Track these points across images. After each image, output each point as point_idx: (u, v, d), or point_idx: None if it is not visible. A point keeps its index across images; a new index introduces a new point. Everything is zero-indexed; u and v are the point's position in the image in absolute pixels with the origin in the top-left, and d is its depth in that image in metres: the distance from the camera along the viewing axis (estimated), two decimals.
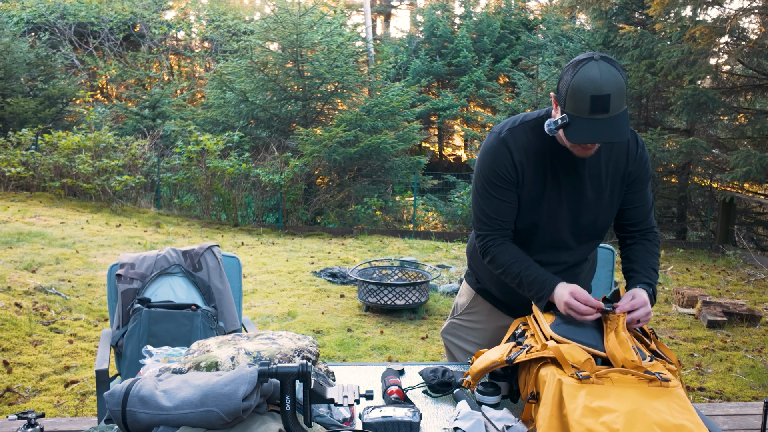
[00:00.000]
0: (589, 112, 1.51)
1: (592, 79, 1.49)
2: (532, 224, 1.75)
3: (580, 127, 1.52)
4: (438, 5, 17.92)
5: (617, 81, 1.50)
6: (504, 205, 1.73)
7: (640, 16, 10.27)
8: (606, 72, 1.49)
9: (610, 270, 2.65)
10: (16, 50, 12.22)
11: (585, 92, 1.49)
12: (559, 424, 1.31)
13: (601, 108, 1.49)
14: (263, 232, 9.52)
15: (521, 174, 1.70)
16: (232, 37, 16.70)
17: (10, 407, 3.20)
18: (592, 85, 1.49)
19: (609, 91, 1.48)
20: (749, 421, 3.00)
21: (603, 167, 1.73)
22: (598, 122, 1.51)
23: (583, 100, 1.50)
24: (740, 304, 5.26)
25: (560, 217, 1.75)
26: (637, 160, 1.76)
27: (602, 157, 1.73)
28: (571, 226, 1.77)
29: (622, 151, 1.75)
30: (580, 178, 1.71)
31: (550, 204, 1.73)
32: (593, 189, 1.73)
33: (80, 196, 10.00)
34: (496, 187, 1.71)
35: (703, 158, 9.56)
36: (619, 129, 1.51)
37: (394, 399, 1.58)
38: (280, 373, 1.32)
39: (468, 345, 2.06)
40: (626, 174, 1.76)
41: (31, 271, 5.53)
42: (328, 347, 4.29)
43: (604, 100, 1.48)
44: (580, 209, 1.74)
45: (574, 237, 1.79)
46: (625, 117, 1.52)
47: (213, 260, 2.48)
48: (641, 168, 1.77)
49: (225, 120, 12.04)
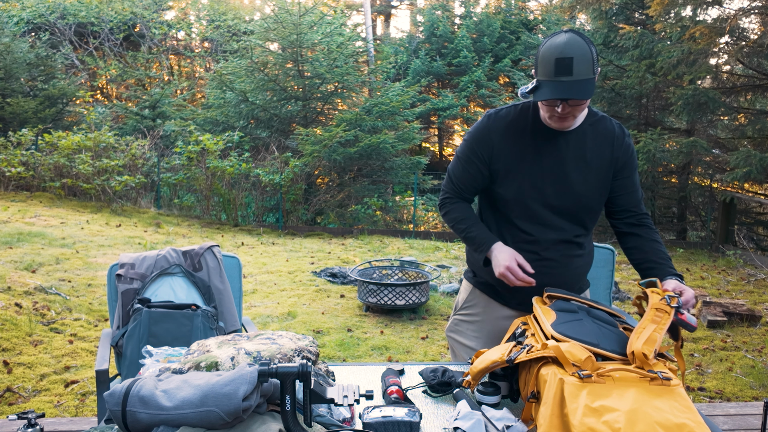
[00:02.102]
0: (554, 74, 1.64)
1: (557, 45, 1.65)
2: (516, 195, 1.86)
3: (546, 88, 1.66)
4: (438, 5, 17.92)
5: (581, 47, 1.64)
6: (468, 177, 1.91)
7: (640, 16, 10.27)
8: (572, 40, 1.64)
9: (610, 270, 2.65)
10: (16, 50, 12.22)
11: (551, 56, 1.65)
12: (560, 424, 1.31)
13: (565, 69, 1.63)
14: (263, 232, 9.52)
15: (496, 150, 1.84)
16: (232, 37, 16.70)
17: (10, 407, 3.20)
18: (557, 49, 1.64)
19: (572, 54, 1.62)
20: (749, 421, 2.99)
21: (588, 151, 1.83)
22: (563, 83, 1.64)
23: (549, 63, 1.65)
24: (740, 304, 5.26)
25: (543, 193, 1.84)
26: (624, 147, 1.87)
27: (588, 142, 1.84)
28: (554, 202, 1.85)
29: (607, 137, 1.86)
30: (563, 158, 1.82)
31: (532, 179, 1.83)
32: (577, 170, 1.83)
33: (80, 196, 10.00)
34: (468, 160, 1.89)
35: (704, 158, 9.56)
36: (582, 89, 1.64)
37: (394, 399, 1.58)
38: (280, 373, 1.32)
39: (469, 340, 2.06)
40: (613, 160, 1.86)
41: (31, 271, 5.53)
42: (328, 347, 4.29)
43: (567, 62, 1.62)
44: (563, 187, 1.84)
45: (558, 215, 1.87)
46: (590, 83, 1.65)
47: (213, 260, 2.48)
48: (627, 155, 1.87)
49: (225, 120, 12.04)
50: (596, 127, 1.86)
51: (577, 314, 1.64)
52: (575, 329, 1.53)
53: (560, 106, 1.71)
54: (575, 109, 1.73)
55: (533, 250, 1.88)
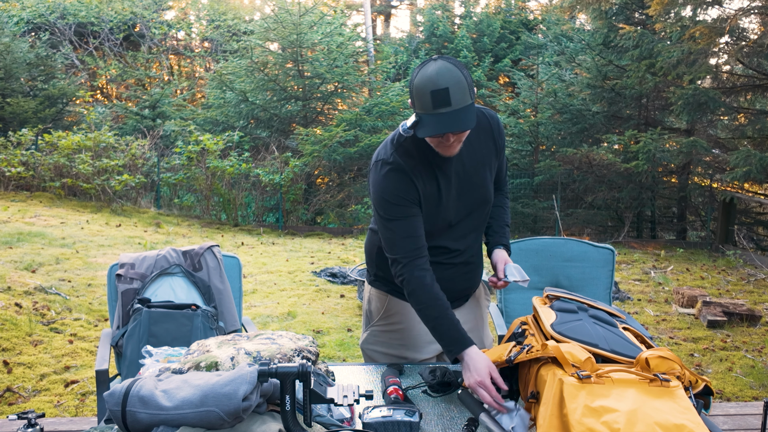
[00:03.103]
0: (432, 107, 1.60)
1: (430, 77, 1.59)
2: (442, 218, 1.84)
3: (427, 123, 1.62)
4: (438, 5, 17.91)
5: (454, 75, 1.59)
6: (414, 220, 1.77)
7: (640, 16, 10.27)
8: (443, 68, 1.60)
9: (610, 270, 2.66)
10: (16, 50, 12.21)
11: (425, 89, 1.60)
12: (559, 424, 1.31)
13: (442, 102, 1.59)
14: (263, 232, 9.52)
15: (421, 187, 1.78)
16: (232, 37, 16.69)
17: (10, 407, 3.20)
18: (430, 81, 1.59)
19: (446, 85, 1.58)
20: (749, 421, 3.00)
21: (478, 151, 1.86)
22: (443, 116, 1.60)
23: (425, 96, 1.60)
24: (740, 304, 5.26)
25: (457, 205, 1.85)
26: (500, 133, 1.91)
27: (474, 144, 1.85)
28: (466, 210, 1.88)
29: (487, 131, 1.88)
30: (460, 170, 1.83)
31: (447, 199, 1.83)
32: (476, 174, 1.87)
33: (80, 196, 10.00)
34: (404, 209, 1.76)
35: (703, 158, 9.56)
36: (464, 119, 1.61)
37: (394, 399, 1.58)
38: (279, 373, 1.32)
39: (393, 349, 2.01)
40: (497, 149, 1.91)
41: (31, 271, 5.53)
42: (328, 347, 4.28)
43: (443, 93, 1.58)
44: (469, 194, 1.87)
45: (473, 219, 1.91)
46: (470, 109, 1.62)
47: (213, 260, 2.48)
48: (502, 138, 1.93)
49: (225, 120, 12.04)
50: (477, 126, 1.87)
51: (577, 314, 1.64)
52: (575, 330, 1.53)
53: (445, 137, 1.67)
54: (461, 135, 1.70)
55: (455, 261, 1.92)
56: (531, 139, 11.11)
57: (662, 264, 7.63)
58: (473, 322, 2.06)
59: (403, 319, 1.99)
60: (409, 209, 1.76)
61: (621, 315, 1.79)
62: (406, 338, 2.00)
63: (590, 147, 9.83)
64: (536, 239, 2.75)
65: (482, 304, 2.13)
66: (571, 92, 10.65)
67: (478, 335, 2.05)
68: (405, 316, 1.99)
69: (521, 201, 10.90)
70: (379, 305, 2.03)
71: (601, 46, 10.27)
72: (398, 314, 2.00)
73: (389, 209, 1.76)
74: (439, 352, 2.03)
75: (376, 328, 2.03)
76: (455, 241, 1.90)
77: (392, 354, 2.02)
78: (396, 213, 1.75)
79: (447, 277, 1.86)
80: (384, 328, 2.02)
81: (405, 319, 1.99)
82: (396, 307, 2.00)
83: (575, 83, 10.69)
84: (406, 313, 1.98)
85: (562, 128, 10.78)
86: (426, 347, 2.00)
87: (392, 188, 1.75)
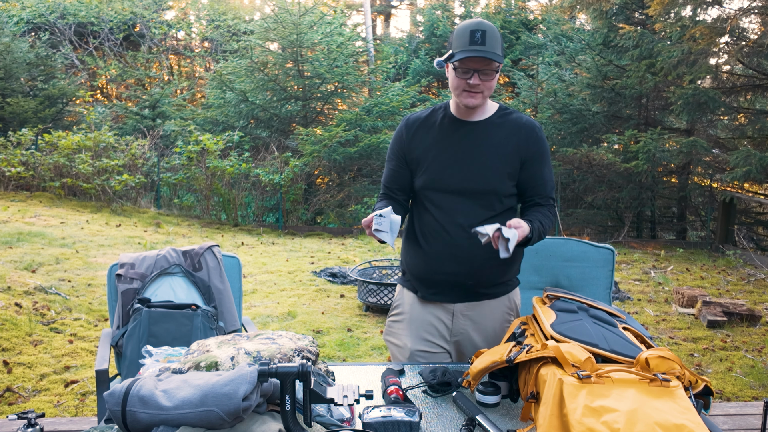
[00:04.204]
0: (468, 43, 1.79)
1: (472, 21, 1.83)
2: (427, 182, 1.97)
3: (460, 55, 1.80)
4: (438, 5, 17.91)
5: (493, 27, 1.82)
6: (390, 174, 2.05)
7: (640, 16, 10.27)
8: (484, 21, 1.83)
9: (610, 270, 2.65)
10: (16, 50, 12.21)
11: (466, 28, 1.81)
12: (559, 424, 1.31)
13: (479, 39, 1.78)
14: (263, 232, 9.52)
15: (410, 146, 2.00)
16: (232, 37, 16.69)
17: (10, 407, 3.20)
18: (472, 23, 1.82)
19: (485, 28, 1.80)
20: (749, 421, 3.00)
21: (495, 139, 1.94)
22: (476, 51, 1.78)
23: (464, 34, 1.80)
24: (740, 304, 5.26)
25: (451, 178, 1.94)
26: (533, 139, 1.96)
27: (495, 132, 1.95)
28: (462, 186, 1.94)
29: (515, 128, 1.96)
30: (470, 146, 1.94)
31: (441, 166, 1.94)
32: (484, 156, 1.93)
33: (80, 196, 10.00)
34: (389, 159, 2.07)
35: (703, 158, 9.56)
36: (493, 55, 1.78)
37: (394, 399, 1.58)
38: (279, 372, 1.32)
39: (400, 340, 2.06)
40: (520, 149, 1.95)
41: (31, 271, 5.53)
42: (328, 347, 4.28)
43: (481, 33, 1.79)
44: (469, 172, 1.93)
45: (467, 198, 1.94)
46: (499, 58, 1.80)
47: (213, 260, 2.48)
48: (537, 146, 1.97)
49: (225, 120, 12.04)
50: (505, 119, 1.97)
51: (576, 314, 1.64)
52: (575, 330, 1.53)
53: (472, 77, 1.82)
54: (485, 85, 1.85)
55: (443, 238, 1.94)
56: None
57: (662, 264, 7.63)
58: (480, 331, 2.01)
59: (407, 309, 2.06)
60: (391, 161, 2.05)
61: (621, 315, 1.79)
62: (408, 329, 2.04)
63: (590, 147, 9.83)
64: None
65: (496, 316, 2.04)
66: (571, 92, 10.66)
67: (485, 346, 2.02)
68: (408, 306, 2.06)
69: None
70: (395, 296, 2.15)
71: (601, 46, 10.27)
72: (403, 304, 2.08)
73: (387, 152, 2.10)
74: (447, 350, 2.03)
75: (391, 318, 2.14)
76: (443, 213, 1.94)
77: (399, 345, 2.06)
78: (387, 157, 2.08)
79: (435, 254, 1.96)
80: (395, 318, 2.11)
81: (408, 309, 2.06)
82: (403, 297, 2.09)
83: (575, 83, 10.70)
84: (410, 304, 2.05)
85: (562, 128, 10.78)
86: (429, 341, 2.02)
87: (393, 138, 2.06)
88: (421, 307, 2.04)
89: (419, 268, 2.01)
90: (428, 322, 2.02)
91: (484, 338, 2.03)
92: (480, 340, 2.03)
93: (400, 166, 2.02)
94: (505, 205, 1.97)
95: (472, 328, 2.01)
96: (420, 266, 2.00)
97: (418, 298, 2.04)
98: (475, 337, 2.02)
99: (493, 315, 2.03)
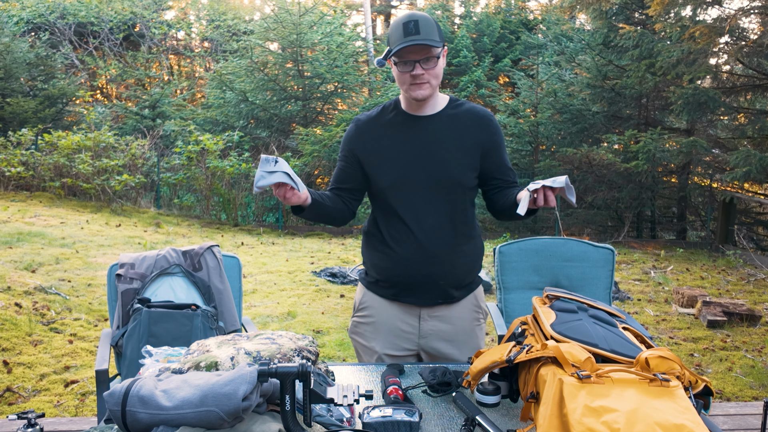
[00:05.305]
0: (403, 35, 1.77)
1: (404, 14, 1.83)
2: (389, 182, 1.95)
3: (397, 47, 1.78)
4: (438, 5, 17.91)
5: (426, 16, 1.81)
6: (340, 173, 2.02)
7: (640, 16, 10.27)
8: (417, 12, 1.82)
9: (610, 270, 2.65)
10: (16, 50, 12.21)
11: (399, 21, 1.81)
12: (559, 424, 1.31)
13: (412, 30, 1.77)
14: (263, 232, 9.52)
15: (363, 146, 1.97)
16: (232, 37, 16.70)
17: (10, 407, 3.20)
18: (404, 16, 1.81)
19: (417, 18, 1.79)
20: (749, 421, 3.00)
21: (452, 132, 1.93)
22: (411, 40, 1.76)
23: (398, 28, 1.79)
24: (740, 304, 5.26)
25: (413, 175, 1.92)
26: (490, 129, 1.96)
27: (450, 124, 1.93)
28: (425, 182, 1.92)
29: (471, 119, 1.95)
30: (426, 141, 1.92)
31: (400, 164, 1.93)
32: (442, 150, 1.92)
33: (80, 196, 10.00)
34: (340, 159, 2.04)
35: (703, 158, 9.56)
36: (430, 41, 1.76)
37: (394, 399, 1.58)
38: (279, 372, 1.32)
39: (368, 341, 2.05)
40: (479, 140, 1.94)
41: (31, 271, 5.53)
42: (328, 347, 4.29)
43: (414, 22, 1.78)
44: (430, 167, 1.91)
45: (431, 193, 1.93)
46: (437, 44, 1.78)
47: (213, 260, 2.48)
48: (494, 136, 1.97)
49: (225, 120, 12.04)
50: (459, 110, 1.96)
51: (576, 314, 1.64)
52: (575, 329, 1.53)
53: (414, 67, 1.80)
54: (429, 74, 1.83)
55: (413, 240, 1.92)
56: (531, 139, 11.11)
57: (662, 264, 7.63)
58: (450, 333, 2.01)
59: (375, 312, 2.04)
60: (341, 160, 2.02)
61: (621, 315, 1.78)
62: (377, 332, 2.03)
63: (590, 147, 9.83)
64: (536, 239, 2.75)
65: (465, 316, 2.05)
66: (571, 92, 10.66)
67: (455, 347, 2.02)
68: (377, 309, 2.04)
69: None
70: (359, 296, 2.11)
71: (601, 46, 10.27)
72: (371, 307, 2.06)
73: (340, 152, 2.06)
74: (415, 352, 2.04)
75: (356, 318, 2.11)
76: (411, 213, 1.92)
77: (367, 346, 2.05)
78: (339, 157, 2.06)
79: (405, 256, 1.93)
80: (361, 320, 2.09)
81: (377, 312, 2.04)
82: (370, 300, 2.06)
83: (575, 83, 10.70)
84: (378, 307, 2.04)
85: (562, 128, 10.78)
86: (397, 345, 2.01)
87: (345, 139, 2.03)
88: (388, 310, 2.02)
89: (390, 271, 1.98)
90: (396, 327, 2.01)
91: (454, 337, 2.02)
92: (450, 339, 2.02)
93: (353, 167, 1.99)
94: (468, 199, 1.98)
95: (441, 328, 2.01)
96: (390, 269, 1.97)
97: (385, 300, 2.03)
98: (444, 336, 2.01)
99: (462, 313, 2.04)
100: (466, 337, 2.04)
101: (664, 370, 1.37)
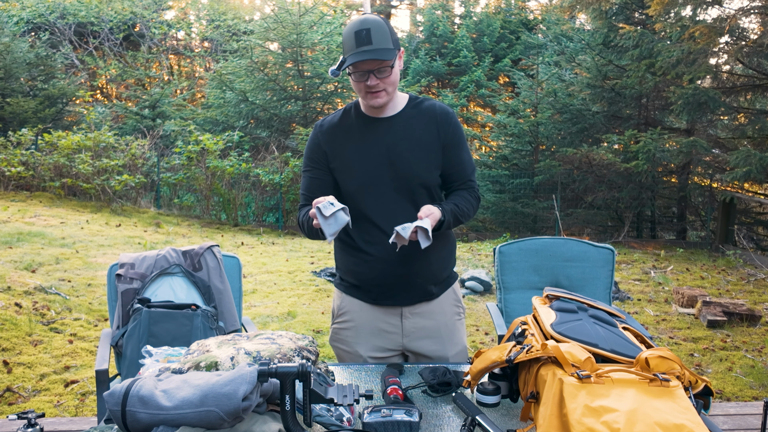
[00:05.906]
0: (355, 46, 1.77)
1: (355, 22, 1.80)
2: (357, 185, 1.94)
3: (350, 59, 1.77)
4: (438, 5, 17.91)
5: (377, 21, 1.80)
6: (313, 183, 1.98)
7: (640, 16, 10.27)
8: (368, 17, 1.81)
9: (610, 270, 2.66)
10: (16, 50, 12.21)
11: (351, 30, 1.79)
12: (559, 424, 1.31)
13: (364, 40, 1.76)
14: (263, 232, 9.52)
15: (330, 151, 1.95)
16: (232, 37, 16.69)
17: (10, 407, 3.20)
18: (356, 23, 1.80)
19: (369, 26, 1.77)
20: (749, 421, 3.00)
21: (415, 131, 1.93)
22: (364, 53, 1.76)
23: (350, 37, 1.78)
24: (740, 304, 5.26)
25: (380, 177, 1.92)
26: (450, 126, 1.96)
27: (412, 123, 1.94)
28: (392, 184, 1.92)
29: (431, 117, 1.96)
30: (391, 142, 1.92)
31: (366, 167, 1.92)
32: (407, 150, 1.92)
33: (80, 196, 10.00)
34: (308, 169, 2.00)
35: (703, 158, 9.56)
36: (382, 54, 1.76)
37: (393, 399, 1.58)
38: (279, 373, 1.32)
39: (351, 347, 2.04)
40: (439, 137, 1.95)
41: (31, 271, 5.53)
42: (328, 347, 4.28)
43: (365, 31, 1.76)
44: (396, 168, 1.92)
45: (399, 194, 1.93)
46: (390, 52, 1.78)
47: (213, 260, 2.48)
48: (453, 133, 1.97)
49: (225, 120, 12.04)
50: (419, 108, 1.97)
51: (576, 314, 1.64)
52: (575, 329, 1.53)
53: (369, 78, 1.80)
54: (385, 82, 1.82)
55: (384, 241, 1.90)
56: (531, 139, 11.11)
57: (662, 264, 7.63)
58: (432, 329, 2.02)
59: (355, 316, 2.04)
60: (311, 170, 1.98)
61: (621, 315, 1.79)
62: (359, 336, 2.03)
63: (590, 147, 9.83)
64: (536, 239, 2.75)
65: (446, 311, 2.06)
66: (571, 92, 10.66)
67: (438, 344, 2.03)
68: (357, 314, 2.03)
69: (521, 201, 10.89)
70: (337, 302, 2.11)
71: (601, 46, 10.26)
72: (350, 312, 2.05)
73: (302, 163, 2.04)
74: (399, 352, 2.04)
75: (336, 325, 2.10)
76: (382, 215, 1.92)
77: (350, 351, 2.05)
78: (304, 168, 2.02)
79: (380, 258, 1.93)
80: (342, 326, 2.08)
81: (357, 316, 2.04)
82: (348, 305, 2.05)
83: (575, 83, 10.70)
84: (358, 311, 2.03)
85: (562, 128, 10.78)
86: (381, 347, 2.01)
87: (309, 146, 2.00)
88: (369, 312, 2.02)
89: (366, 275, 1.97)
90: (379, 328, 2.01)
91: (436, 333, 2.02)
92: (433, 336, 2.02)
93: (322, 174, 1.97)
94: (435, 195, 1.98)
95: (424, 324, 2.01)
96: (366, 273, 1.97)
97: (365, 304, 2.02)
98: (427, 333, 2.02)
99: (443, 308, 2.05)
100: (448, 332, 2.05)
101: (664, 370, 1.37)
